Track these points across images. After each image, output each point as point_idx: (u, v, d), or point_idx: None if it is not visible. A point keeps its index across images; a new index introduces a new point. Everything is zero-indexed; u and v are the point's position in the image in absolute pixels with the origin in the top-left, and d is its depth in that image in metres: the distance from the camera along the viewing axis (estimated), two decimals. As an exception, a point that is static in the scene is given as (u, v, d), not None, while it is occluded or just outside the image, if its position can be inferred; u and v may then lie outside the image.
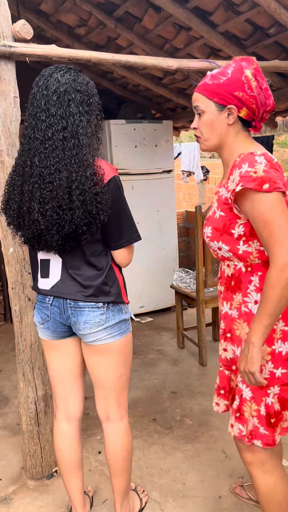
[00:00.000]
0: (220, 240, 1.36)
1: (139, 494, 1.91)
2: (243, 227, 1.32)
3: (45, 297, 1.55)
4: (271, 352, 1.36)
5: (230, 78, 1.32)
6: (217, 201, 1.39)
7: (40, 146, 1.37)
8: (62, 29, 3.32)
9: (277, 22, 2.49)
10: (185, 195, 9.82)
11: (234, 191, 1.26)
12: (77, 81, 1.41)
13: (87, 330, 1.51)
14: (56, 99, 1.36)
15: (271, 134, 5.66)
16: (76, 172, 1.35)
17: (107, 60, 1.99)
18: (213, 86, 1.34)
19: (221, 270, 1.50)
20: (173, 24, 2.83)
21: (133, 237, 1.53)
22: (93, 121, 1.45)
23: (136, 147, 3.91)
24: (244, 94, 1.32)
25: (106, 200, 1.39)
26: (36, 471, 2.08)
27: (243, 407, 1.40)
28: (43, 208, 1.37)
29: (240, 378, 1.39)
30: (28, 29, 1.77)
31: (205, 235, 1.44)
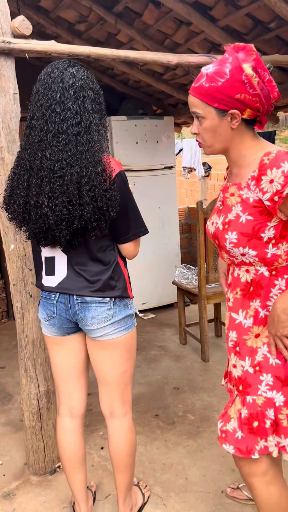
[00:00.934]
0: (247, 245, 1.28)
1: (142, 489, 1.92)
2: (273, 230, 1.26)
3: (50, 294, 1.56)
4: None
5: (229, 79, 1.21)
6: (240, 205, 1.29)
7: (53, 139, 1.35)
8: (62, 25, 3.31)
9: (277, 16, 2.47)
10: (187, 191, 9.80)
11: (283, 193, 1.17)
12: (90, 79, 1.42)
13: (95, 326, 1.51)
14: (73, 93, 1.35)
15: (273, 130, 5.64)
16: (87, 167, 1.34)
17: (106, 56, 1.99)
18: (211, 90, 1.23)
19: (233, 276, 1.41)
20: (173, 19, 2.81)
21: (140, 231, 1.54)
22: (102, 120, 1.45)
23: (137, 143, 3.90)
24: (246, 95, 1.22)
25: (116, 197, 1.39)
26: (39, 467, 2.09)
27: (279, 415, 1.31)
28: (52, 202, 1.35)
29: (266, 387, 1.32)
30: (27, 25, 1.77)
31: (226, 240, 1.32)
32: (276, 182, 1.18)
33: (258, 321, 1.35)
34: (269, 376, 1.32)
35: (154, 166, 4.04)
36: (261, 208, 1.25)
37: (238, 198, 1.30)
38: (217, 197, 1.46)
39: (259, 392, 1.33)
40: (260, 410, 1.33)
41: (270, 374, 1.32)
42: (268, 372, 1.33)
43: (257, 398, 1.33)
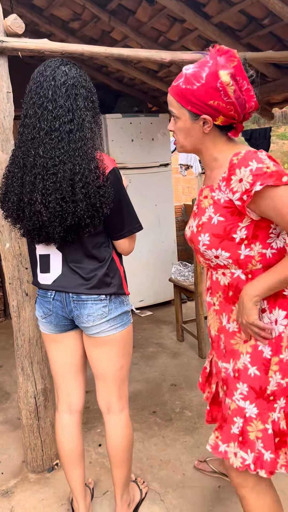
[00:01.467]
0: (220, 247, 1.27)
1: (139, 485, 1.93)
2: (245, 230, 1.24)
3: (46, 292, 1.56)
4: (279, 361, 1.28)
5: (204, 84, 1.19)
6: (212, 206, 1.28)
7: (45, 137, 1.36)
8: (56, 23, 3.31)
9: (271, 12, 2.48)
10: (184, 188, 9.81)
11: (251, 192, 1.16)
12: (82, 77, 1.42)
13: (90, 323, 1.52)
14: (65, 91, 1.36)
15: (268, 126, 5.64)
16: (80, 164, 1.35)
17: (100, 54, 1.99)
18: (186, 93, 1.22)
19: (212, 280, 1.39)
20: (167, 16, 2.81)
21: (135, 227, 1.55)
22: (96, 118, 1.46)
23: (132, 141, 3.91)
24: (220, 102, 1.20)
25: (109, 194, 1.40)
26: (37, 465, 2.10)
27: (247, 427, 1.28)
28: (46, 199, 1.36)
29: (240, 395, 1.30)
30: (20, 24, 1.77)
31: (199, 243, 1.31)
32: (245, 181, 1.17)
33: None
34: (244, 385, 1.30)
35: (150, 163, 4.04)
36: (232, 209, 1.24)
37: (210, 200, 1.30)
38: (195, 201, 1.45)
39: (233, 398, 1.32)
40: (230, 415, 1.32)
41: (246, 384, 1.30)
42: (244, 382, 1.30)
43: (231, 403, 1.33)
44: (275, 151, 13.88)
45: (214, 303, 1.40)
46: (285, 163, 13.14)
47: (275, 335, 1.28)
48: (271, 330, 1.26)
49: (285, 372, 1.29)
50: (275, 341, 1.28)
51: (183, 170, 8.16)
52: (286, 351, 1.29)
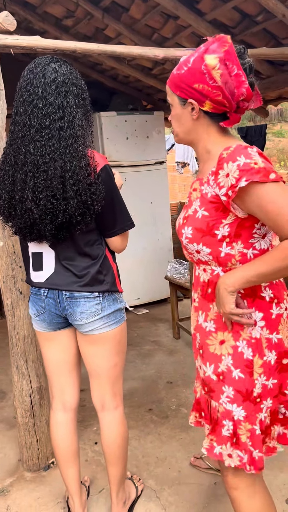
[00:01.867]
0: (201, 242, 1.25)
1: (135, 482, 1.93)
2: (228, 228, 1.22)
3: (39, 290, 1.56)
4: (263, 364, 1.27)
5: (190, 68, 1.20)
6: (199, 200, 1.26)
7: (36, 134, 1.35)
8: (50, 20, 3.29)
9: (264, 9, 2.47)
10: (180, 186, 9.80)
11: (236, 187, 1.14)
12: (73, 74, 1.42)
13: (83, 320, 1.52)
14: (55, 88, 1.36)
15: (264, 123, 5.64)
16: (71, 162, 1.35)
17: (92, 51, 1.98)
18: (176, 78, 1.24)
19: (194, 274, 1.38)
20: (161, 13, 2.81)
21: (126, 225, 1.54)
22: (87, 115, 1.45)
23: (127, 139, 3.90)
24: (205, 86, 1.19)
25: (100, 191, 1.40)
26: (32, 463, 2.10)
27: (238, 430, 1.27)
28: (36, 197, 1.36)
29: (226, 398, 1.28)
30: (11, 21, 1.76)
31: (183, 235, 1.30)
32: (231, 176, 1.15)
33: (221, 326, 1.30)
34: (230, 389, 1.28)
35: (145, 161, 4.04)
36: (217, 204, 1.21)
37: (198, 193, 1.28)
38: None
39: (220, 401, 1.30)
40: (219, 418, 1.31)
41: (232, 387, 1.28)
42: (230, 385, 1.28)
43: (218, 406, 1.31)
44: (271, 148, 13.89)
45: (195, 299, 1.39)
46: (281, 161, 13.16)
47: (254, 336, 1.26)
48: (250, 312, 1.24)
49: (269, 373, 1.28)
50: (256, 342, 1.27)
51: (180, 168, 8.15)
52: (267, 352, 1.28)
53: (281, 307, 1.29)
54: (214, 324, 1.31)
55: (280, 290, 1.31)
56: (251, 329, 1.26)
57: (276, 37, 2.78)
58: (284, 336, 1.29)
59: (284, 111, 13.83)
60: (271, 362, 1.28)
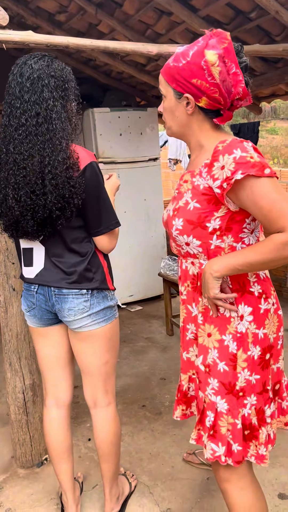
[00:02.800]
0: (192, 234, 1.25)
1: (129, 478, 1.94)
2: (219, 220, 1.22)
3: (30, 285, 1.57)
4: (246, 358, 1.28)
5: (189, 62, 1.18)
6: (191, 191, 1.26)
7: (14, 133, 1.37)
8: (42, 15, 3.27)
9: (257, 5, 2.47)
10: (173, 183, 9.80)
11: (232, 180, 1.14)
12: (51, 67, 1.40)
13: (72, 317, 1.52)
14: (30, 85, 1.36)
15: (257, 120, 5.66)
16: (49, 156, 1.35)
17: (85, 46, 1.97)
18: (172, 70, 1.22)
19: (181, 268, 1.38)
20: (154, 9, 2.79)
21: (111, 224, 1.52)
22: (69, 106, 1.45)
23: (121, 135, 3.89)
24: (203, 82, 1.18)
25: (80, 184, 1.40)
26: (26, 460, 2.10)
27: (219, 421, 1.29)
28: (17, 194, 1.38)
29: (211, 390, 1.31)
30: (4, 15, 1.74)
31: (173, 227, 1.29)
32: (227, 169, 1.15)
33: (208, 319, 1.32)
34: (215, 381, 1.30)
35: (139, 158, 4.03)
36: (210, 196, 1.21)
37: (190, 185, 1.27)
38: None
39: (206, 393, 1.32)
40: (205, 408, 1.32)
41: (217, 379, 1.30)
42: (215, 377, 1.30)
43: (205, 397, 1.33)
44: (264, 145, 13.93)
45: (182, 292, 1.40)
46: (275, 158, 13.19)
47: (240, 330, 1.27)
48: (233, 297, 1.25)
49: (252, 369, 1.29)
50: (241, 337, 1.28)
51: (172, 164, 8.14)
52: (252, 347, 1.28)
53: (268, 302, 1.31)
54: (202, 317, 1.33)
55: (268, 285, 1.33)
56: (238, 323, 1.27)
57: (269, 34, 2.77)
58: (269, 331, 1.31)
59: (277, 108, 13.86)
60: (254, 357, 1.29)
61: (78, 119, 1.49)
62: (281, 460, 2.02)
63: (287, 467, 1.99)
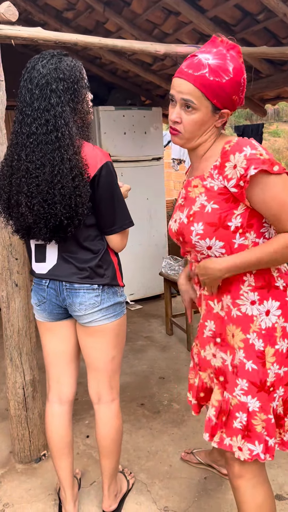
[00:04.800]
0: (214, 236, 1.24)
1: (126, 476, 1.95)
2: (240, 218, 1.22)
3: (41, 280, 1.58)
4: (275, 352, 1.28)
5: (232, 79, 1.19)
6: (205, 194, 1.26)
7: (26, 141, 1.39)
8: (50, 12, 3.27)
9: (265, 7, 2.48)
10: (175, 183, 9.79)
11: (247, 176, 1.16)
12: (59, 68, 1.39)
13: (82, 312, 1.53)
14: (39, 92, 1.37)
15: (261, 122, 5.66)
16: (59, 166, 1.36)
17: (94, 44, 1.98)
18: (215, 85, 1.18)
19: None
20: (162, 8, 2.80)
21: (125, 223, 1.55)
22: (80, 107, 1.45)
23: (125, 134, 3.89)
24: (237, 97, 1.23)
25: (86, 194, 1.41)
26: (24, 455, 2.10)
27: (252, 420, 1.28)
28: (30, 202, 1.39)
29: (241, 391, 1.29)
30: (13, 11, 1.75)
31: (192, 233, 1.27)
32: (239, 167, 1.17)
33: (232, 319, 1.33)
34: (244, 381, 1.30)
35: (142, 157, 4.03)
36: (227, 196, 1.22)
37: (202, 188, 1.27)
38: (179, 195, 1.43)
39: (234, 394, 1.32)
40: (231, 410, 1.32)
41: (246, 379, 1.30)
42: (243, 377, 1.30)
43: (232, 398, 1.32)
44: (267, 148, 13.92)
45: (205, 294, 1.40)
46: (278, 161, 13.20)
47: (265, 326, 1.29)
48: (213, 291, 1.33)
49: (281, 362, 1.30)
50: (267, 332, 1.29)
51: (176, 164, 8.15)
52: (281, 341, 1.29)
53: None
54: (226, 316, 1.34)
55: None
56: (261, 320, 1.29)
57: (276, 36, 2.78)
58: None
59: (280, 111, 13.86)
60: (283, 351, 1.30)
61: (90, 118, 1.50)
62: (279, 461, 2.03)
63: (284, 468, 2.00)
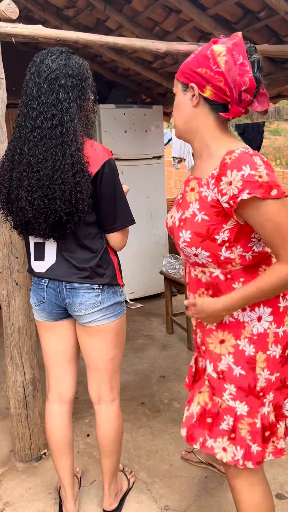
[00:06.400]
0: (200, 246, 1.23)
1: (127, 475, 1.95)
2: (228, 233, 1.20)
3: (40, 279, 1.57)
4: (266, 358, 1.27)
5: (196, 54, 1.22)
6: (198, 203, 1.23)
7: (29, 135, 1.38)
8: (50, 10, 3.26)
9: (267, 5, 2.46)
10: (176, 182, 9.78)
11: (238, 198, 1.13)
12: (68, 65, 1.39)
13: (83, 311, 1.53)
14: (47, 86, 1.36)
15: (262, 121, 5.64)
16: (60, 161, 1.36)
17: (95, 42, 1.97)
18: (182, 66, 1.25)
19: (190, 276, 1.37)
20: (163, 6, 2.79)
21: (127, 221, 1.54)
22: (86, 105, 1.45)
23: (125, 132, 3.88)
24: (207, 70, 1.17)
25: (87, 190, 1.40)
26: (24, 454, 2.10)
27: (239, 424, 1.29)
28: (31, 196, 1.38)
29: (229, 395, 1.29)
30: (14, 9, 1.74)
31: (180, 239, 1.26)
32: (234, 186, 1.13)
33: (222, 325, 1.31)
34: (232, 386, 1.29)
35: (143, 155, 4.02)
36: (219, 209, 1.19)
37: (197, 194, 1.25)
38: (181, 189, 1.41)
39: (223, 398, 1.31)
40: (220, 413, 1.32)
41: (234, 385, 1.29)
42: (231, 382, 1.29)
43: (221, 402, 1.32)
44: (267, 146, 13.90)
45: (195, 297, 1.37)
46: (277, 159, 13.18)
47: (257, 332, 1.27)
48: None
49: (273, 368, 1.29)
50: (258, 338, 1.27)
51: (176, 163, 8.13)
52: (273, 347, 1.28)
53: (287, 299, 1.31)
54: (215, 324, 1.32)
55: None
56: (253, 326, 1.27)
57: (277, 34, 2.77)
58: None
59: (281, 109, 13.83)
60: (275, 357, 1.29)
61: (94, 116, 1.50)
62: (279, 461, 2.03)
63: (285, 467, 2.00)
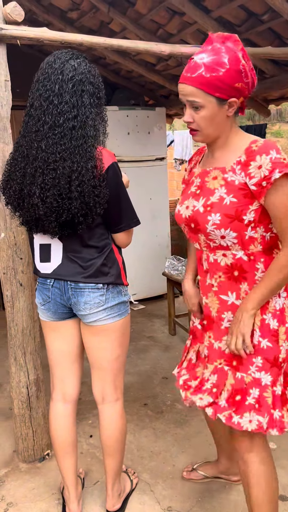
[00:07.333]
0: (229, 227, 1.33)
1: (130, 476, 1.95)
2: (254, 213, 1.32)
3: (46, 279, 1.59)
4: (286, 331, 1.38)
5: (229, 69, 1.26)
6: (225, 187, 1.34)
7: (49, 131, 1.38)
8: (55, 12, 3.28)
9: (270, 8, 2.47)
10: (178, 183, 9.79)
11: (271, 178, 1.25)
12: (91, 73, 1.44)
13: (87, 311, 1.54)
14: (72, 86, 1.38)
15: (264, 123, 5.66)
16: (78, 162, 1.37)
17: (99, 44, 1.98)
18: (212, 80, 1.27)
19: (209, 262, 1.44)
20: (167, 8, 2.80)
21: (132, 222, 1.57)
22: (102, 114, 1.48)
23: (128, 134, 3.89)
24: (242, 84, 1.30)
25: (104, 194, 1.42)
26: (28, 454, 2.11)
27: (264, 394, 1.37)
28: (44, 194, 1.38)
29: (255, 368, 1.37)
30: (19, 11, 1.76)
31: (209, 222, 1.34)
32: (264, 168, 1.26)
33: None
34: (259, 358, 1.38)
35: (146, 157, 4.04)
36: (246, 191, 1.31)
37: (222, 181, 1.36)
38: (188, 183, 1.51)
39: (249, 372, 1.39)
40: (245, 387, 1.39)
41: (260, 357, 1.38)
42: (258, 355, 1.38)
43: (246, 376, 1.39)
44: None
45: (213, 284, 1.45)
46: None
47: (279, 307, 1.38)
48: (250, 351, 1.37)
49: None
50: (280, 313, 1.38)
51: (178, 165, 8.15)
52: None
53: None
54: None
55: None
56: (275, 302, 1.38)
57: (281, 36, 2.78)
58: None
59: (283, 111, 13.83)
60: None
61: (105, 126, 1.52)
62: (282, 463, 2.03)
63: (287, 469, 2.00)
